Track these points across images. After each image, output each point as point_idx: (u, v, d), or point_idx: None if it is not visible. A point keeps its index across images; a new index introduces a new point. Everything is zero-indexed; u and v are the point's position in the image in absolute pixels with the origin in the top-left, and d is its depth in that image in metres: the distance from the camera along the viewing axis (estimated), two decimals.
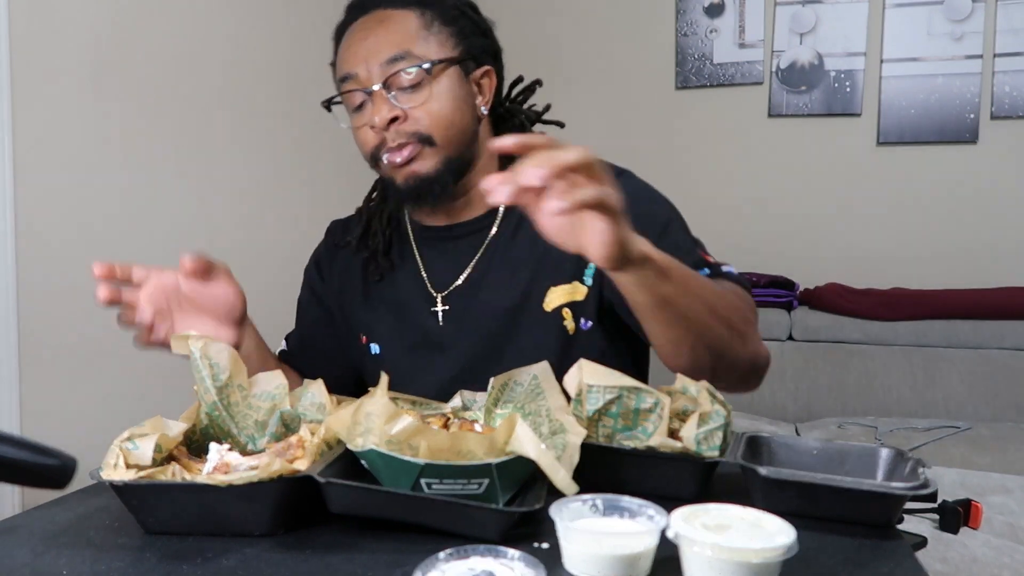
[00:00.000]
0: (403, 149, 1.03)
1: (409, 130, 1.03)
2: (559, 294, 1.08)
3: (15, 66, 1.65)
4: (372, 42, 1.04)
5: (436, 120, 1.03)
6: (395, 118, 1.02)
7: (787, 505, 0.74)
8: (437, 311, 1.12)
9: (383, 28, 1.04)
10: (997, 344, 2.72)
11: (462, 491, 0.72)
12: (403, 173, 1.04)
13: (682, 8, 3.20)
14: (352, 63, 1.04)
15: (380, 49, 1.03)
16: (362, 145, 1.07)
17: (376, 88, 1.02)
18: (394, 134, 1.03)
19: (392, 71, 1.02)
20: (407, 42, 1.03)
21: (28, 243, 1.69)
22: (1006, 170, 2.92)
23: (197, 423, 0.86)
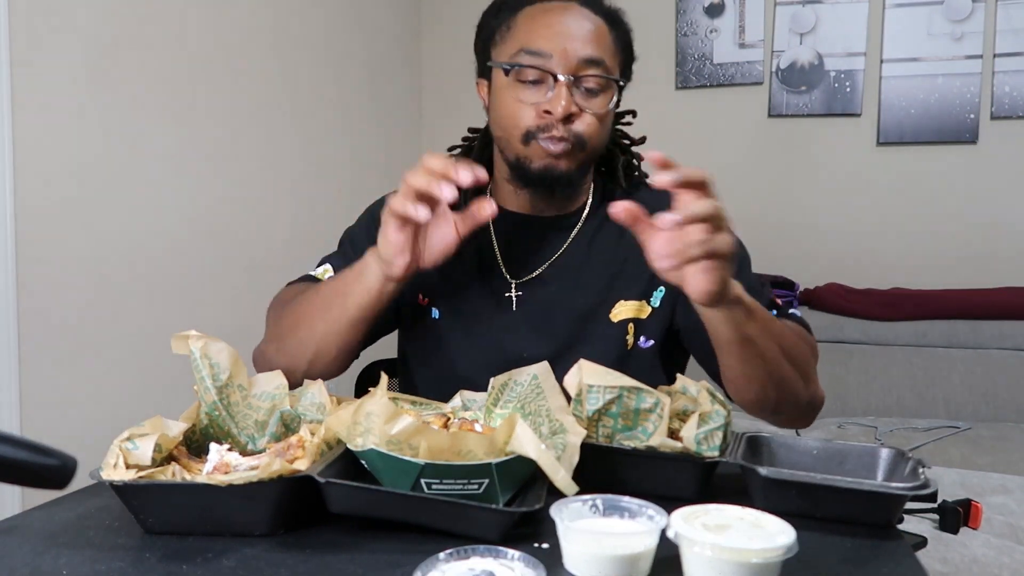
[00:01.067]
0: (561, 143, 1.06)
1: (575, 129, 1.06)
2: (627, 309, 1.12)
3: (15, 65, 1.65)
4: (577, 34, 1.06)
5: (597, 131, 1.08)
6: (572, 113, 1.05)
7: (787, 505, 0.74)
8: (511, 296, 1.14)
9: (586, 26, 1.07)
10: (997, 344, 2.72)
11: (462, 491, 0.72)
12: (547, 162, 1.07)
13: (682, 8, 3.20)
14: (548, 42, 1.05)
15: (584, 45, 1.05)
16: (517, 118, 1.07)
17: (564, 79, 1.04)
18: (560, 126, 1.05)
19: (586, 71, 1.05)
20: (604, 51, 1.07)
21: (28, 243, 1.69)
22: (1006, 170, 2.92)
23: (197, 423, 0.86)
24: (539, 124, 1.06)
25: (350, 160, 2.80)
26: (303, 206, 2.58)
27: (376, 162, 2.97)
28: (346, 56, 2.82)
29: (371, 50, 2.98)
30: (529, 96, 1.06)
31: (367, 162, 2.89)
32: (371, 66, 2.99)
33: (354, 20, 2.87)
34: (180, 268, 2.09)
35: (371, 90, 2.99)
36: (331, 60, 2.74)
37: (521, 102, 1.06)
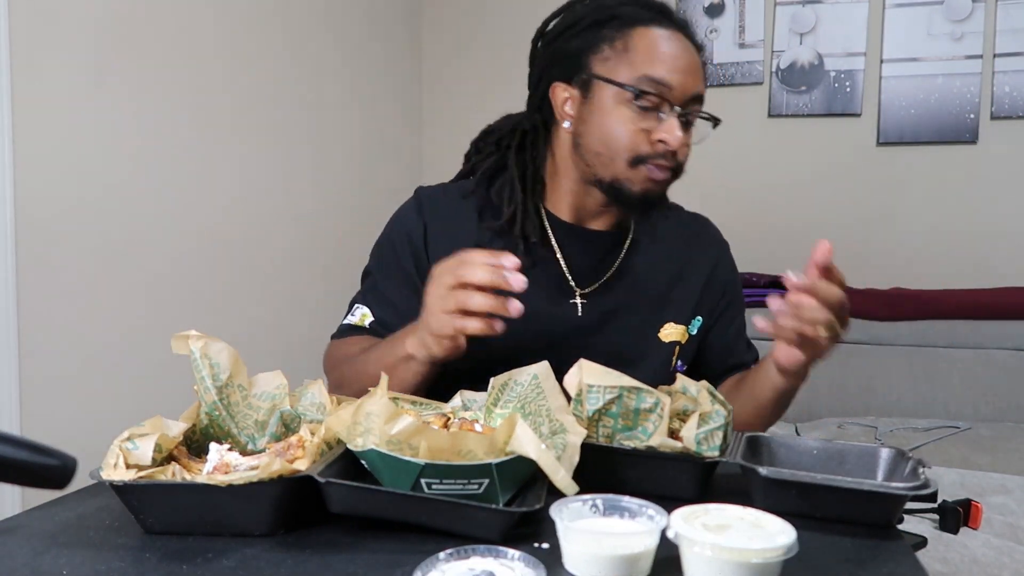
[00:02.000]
0: (666, 171, 1.09)
1: (680, 158, 1.10)
2: (674, 332, 1.17)
3: (15, 63, 1.65)
4: (690, 67, 1.10)
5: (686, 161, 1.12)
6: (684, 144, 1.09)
7: (787, 505, 0.74)
8: (577, 304, 1.15)
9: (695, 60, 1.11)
10: (997, 344, 2.72)
11: (462, 491, 0.72)
12: (648, 186, 1.09)
13: (682, 8, 3.20)
14: (670, 74, 1.07)
15: (695, 81, 1.10)
16: (630, 141, 1.08)
17: (678, 110, 1.07)
18: (669, 154, 1.08)
19: (695, 106, 1.11)
20: (703, 86, 1.12)
21: (28, 243, 1.69)
22: (1006, 170, 2.92)
23: (197, 423, 0.86)
24: (646, 152, 1.07)
25: (351, 160, 2.80)
26: (304, 206, 2.58)
27: (376, 162, 2.97)
28: (346, 55, 2.82)
29: (371, 50, 2.98)
30: (642, 122, 1.07)
31: (367, 162, 2.89)
32: (371, 66, 2.99)
33: (354, 20, 2.86)
34: (180, 268, 2.09)
35: (371, 89, 2.99)
36: (331, 59, 2.74)
37: (636, 126, 1.07)
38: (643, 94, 1.06)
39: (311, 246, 2.60)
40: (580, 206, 1.16)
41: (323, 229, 2.64)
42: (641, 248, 1.20)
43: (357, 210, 2.72)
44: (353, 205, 2.74)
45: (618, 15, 1.11)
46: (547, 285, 1.14)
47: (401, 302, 1.14)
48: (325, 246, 2.65)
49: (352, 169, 2.81)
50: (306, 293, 2.55)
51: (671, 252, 1.21)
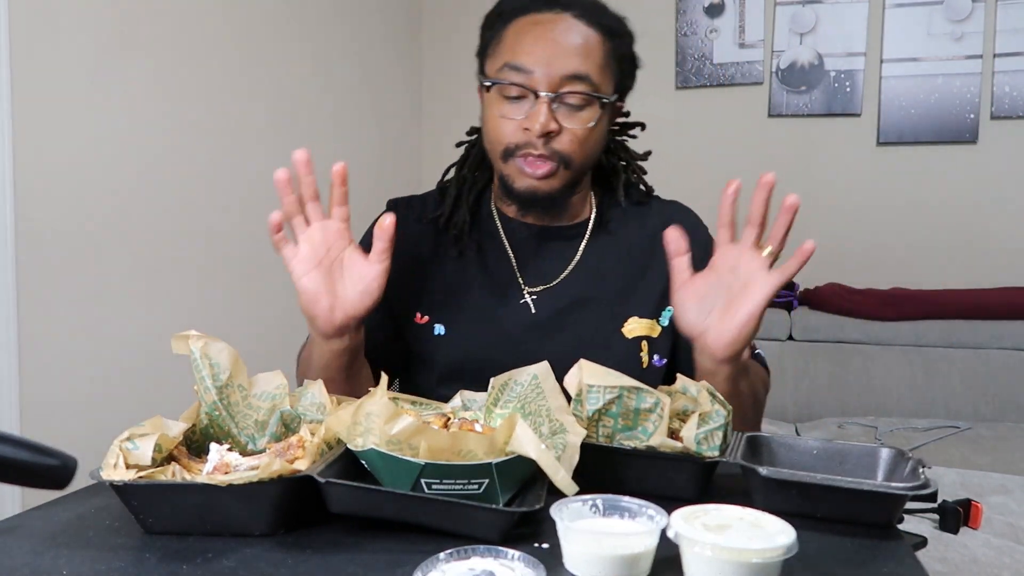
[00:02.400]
0: (543, 163, 1.05)
1: (557, 147, 1.04)
2: (640, 326, 1.13)
3: (15, 63, 1.65)
4: (560, 49, 1.04)
5: (583, 148, 1.06)
6: (551, 131, 1.03)
7: (787, 505, 0.74)
8: (528, 303, 1.14)
9: (572, 39, 1.04)
10: (997, 344, 2.72)
11: (462, 491, 0.72)
12: (530, 182, 1.07)
13: (682, 8, 3.20)
14: (530, 59, 1.04)
15: (567, 61, 1.03)
16: (499, 134, 1.06)
17: (545, 95, 1.02)
18: (541, 144, 1.04)
19: (568, 88, 1.03)
20: (590, 66, 1.04)
21: (28, 243, 1.69)
22: (1006, 170, 2.92)
23: (197, 423, 0.86)
24: (519, 141, 1.04)
25: (351, 160, 2.80)
26: None
27: (376, 161, 2.97)
28: (347, 55, 2.82)
29: (371, 49, 2.98)
30: (511, 112, 1.05)
31: (367, 161, 2.89)
32: (371, 65, 2.99)
33: (355, 19, 2.87)
34: (181, 268, 2.09)
35: (371, 89, 2.99)
36: (332, 59, 2.74)
37: (503, 117, 1.05)
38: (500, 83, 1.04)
39: None
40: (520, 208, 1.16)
41: None
42: (602, 241, 1.17)
43: (357, 210, 2.72)
44: (353, 205, 2.74)
45: (502, 11, 1.10)
46: (499, 285, 1.15)
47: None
48: None
49: (352, 169, 2.80)
50: None
51: (636, 244, 1.16)
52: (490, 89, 1.06)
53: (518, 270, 1.16)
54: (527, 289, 1.14)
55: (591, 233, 1.17)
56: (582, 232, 1.17)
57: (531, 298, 1.14)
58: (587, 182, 1.17)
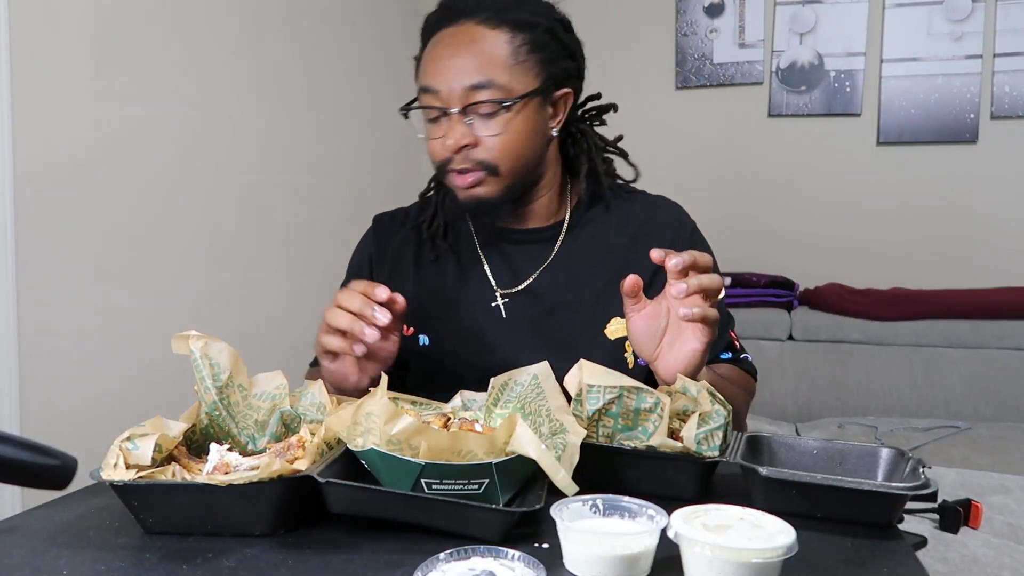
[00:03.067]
0: (468, 175, 1.05)
1: (477, 157, 1.05)
2: (622, 327, 1.11)
3: (15, 63, 1.65)
4: (459, 62, 1.04)
5: (506, 152, 1.05)
6: (466, 144, 1.04)
7: (787, 505, 0.74)
8: (499, 306, 1.13)
9: (471, 50, 1.04)
10: (997, 344, 2.72)
11: (462, 491, 0.72)
12: (464, 194, 1.08)
13: (682, 8, 3.20)
14: (435, 78, 1.05)
15: (465, 73, 1.03)
16: (431, 155, 1.09)
17: (454, 111, 1.03)
18: (462, 158, 1.05)
19: (473, 99, 1.03)
20: (493, 70, 1.03)
21: (28, 242, 1.68)
22: (1006, 170, 2.92)
23: (197, 423, 0.86)
24: (444, 158, 1.06)
25: (351, 159, 2.80)
26: (305, 205, 2.58)
27: (377, 160, 2.97)
28: (347, 54, 2.82)
29: (371, 47, 2.98)
30: (434, 131, 1.07)
31: (368, 161, 2.89)
32: (371, 64, 2.99)
33: (354, 18, 2.87)
34: (181, 268, 2.09)
35: (371, 88, 2.99)
36: (332, 58, 2.74)
37: (430, 138, 1.07)
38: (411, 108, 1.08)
39: (311, 245, 2.60)
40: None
41: (324, 228, 2.64)
42: (580, 242, 1.15)
43: (357, 210, 2.72)
44: (353, 205, 2.74)
45: (422, 34, 1.12)
46: (473, 291, 1.15)
47: None
48: (326, 246, 2.65)
49: (353, 168, 2.81)
50: (307, 293, 2.55)
51: (616, 243, 1.15)
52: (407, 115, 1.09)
53: (491, 274, 1.16)
54: (498, 292, 1.14)
55: (567, 233, 1.16)
56: (557, 233, 1.16)
57: (502, 301, 1.14)
58: (553, 182, 1.15)
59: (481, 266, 1.16)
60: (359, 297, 0.93)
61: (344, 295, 0.94)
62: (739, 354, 1.16)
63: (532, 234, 1.16)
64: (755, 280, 2.93)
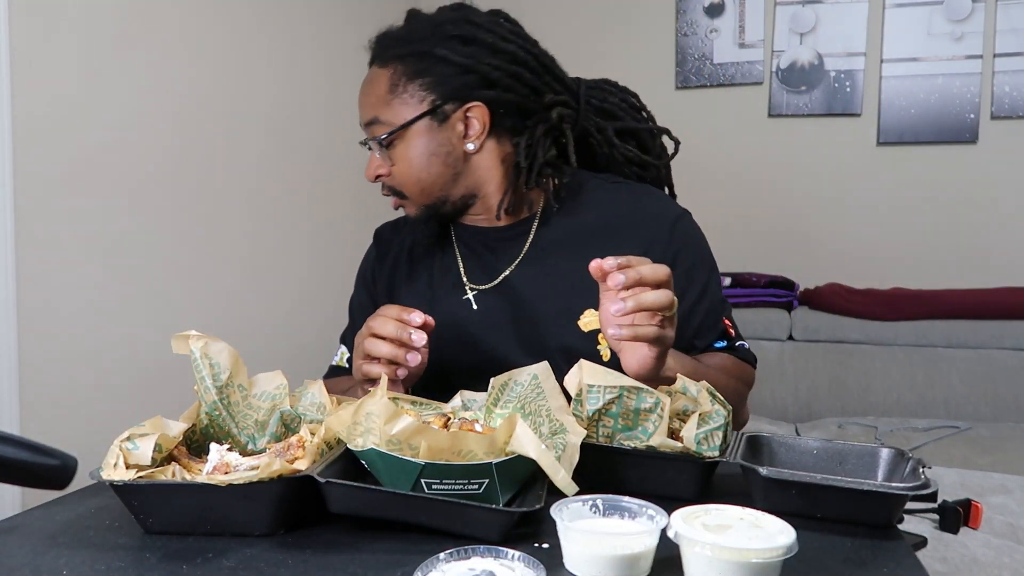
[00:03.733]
0: (391, 198, 1.17)
1: (389, 184, 1.16)
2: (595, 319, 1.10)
3: (15, 64, 1.65)
4: (361, 102, 1.16)
5: (404, 180, 1.14)
6: (380, 174, 1.15)
7: (787, 505, 0.74)
8: (470, 300, 1.17)
9: (365, 89, 1.16)
10: (997, 344, 2.72)
11: (462, 491, 0.73)
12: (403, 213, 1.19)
13: (682, 8, 3.20)
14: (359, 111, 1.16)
15: (362, 111, 1.15)
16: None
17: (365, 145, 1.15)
18: (382, 186, 1.17)
19: (369, 135, 1.14)
20: (377, 107, 1.13)
21: (28, 242, 1.69)
22: (1006, 170, 2.92)
23: (197, 423, 0.86)
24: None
25: (352, 159, 2.80)
26: (304, 205, 2.58)
27: None
28: (347, 54, 2.82)
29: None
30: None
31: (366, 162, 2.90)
32: None
33: (354, 18, 2.87)
34: (181, 268, 2.09)
35: None
36: (332, 58, 2.74)
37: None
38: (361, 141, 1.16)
39: (312, 246, 2.60)
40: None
41: (324, 228, 2.64)
42: (554, 235, 1.17)
43: (358, 210, 2.72)
44: (354, 205, 2.74)
45: None
46: (445, 285, 1.20)
47: None
48: (326, 246, 2.65)
49: (353, 168, 2.81)
50: (307, 293, 2.55)
51: (594, 235, 1.15)
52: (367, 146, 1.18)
53: (464, 270, 1.20)
54: (469, 286, 1.18)
55: (539, 227, 1.18)
56: (527, 227, 1.19)
57: (472, 295, 1.17)
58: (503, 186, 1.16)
59: (455, 261, 1.21)
60: (393, 323, 0.96)
61: (378, 322, 0.97)
62: (734, 342, 1.17)
63: (504, 230, 1.19)
64: (755, 280, 2.93)
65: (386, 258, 1.29)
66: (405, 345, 0.96)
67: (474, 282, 1.18)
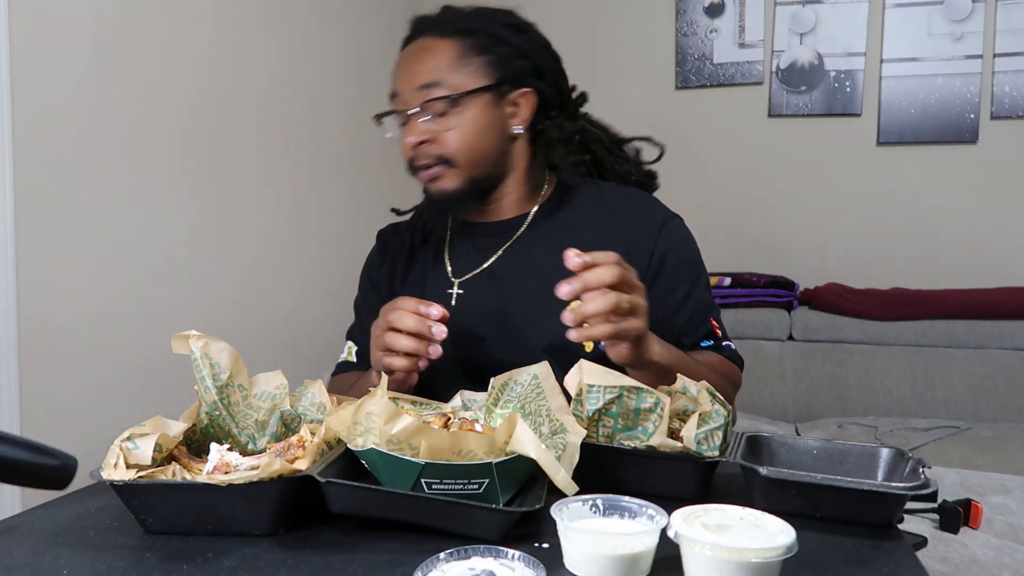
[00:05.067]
0: (428, 169, 1.14)
1: (434, 152, 1.13)
2: None
3: (15, 65, 1.65)
4: (412, 67, 1.14)
5: (459, 145, 1.13)
6: (423, 141, 1.13)
7: (787, 505, 0.74)
8: (453, 293, 1.19)
9: (423, 55, 1.15)
10: (997, 344, 2.72)
11: (462, 491, 0.73)
12: (431, 187, 1.16)
13: (682, 8, 3.20)
14: (396, 83, 1.16)
15: (417, 75, 1.13)
16: (403, 155, 1.17)
17: (410, 111, 1.13)
18: (423, 155, 1.14)
19: (424, 97, 1.12)
20: (441, 71, 1.13)
21: (28, 243, 1.68)
22: (1006, 170, 2.92)
23: (197, 423, 0.86)
24: (410, 157, 1.15)
25: (352, 159, 2.80)
26: (303, 207, 2.58)
27: (375, 162, 2.97)
28: (346, 54, 2.82)
29: (371, 48, 2.98)
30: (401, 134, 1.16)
31: (368, 161, 2.89)
32: (371, 64, 2.99)
33: (354, 17, 2.87)
34: (180, 268, 2.09)
35: (371, 88, 2.99)
36: (331, 59, 2.74)
37: (402, 140, 1.16)
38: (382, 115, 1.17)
39: (311, 246, 2.60)
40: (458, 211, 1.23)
41: (324, 228, 2.64)
42: (542, 231, 1.20)
43: (358, 209, 2.72)
44: (354, 204, 2.75)
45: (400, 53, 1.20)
46: (432, 279, 1.22)
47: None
48: (326, 246, 2.65)
49: (354, 168, 2.81)
50: (307, 293, 2.55)
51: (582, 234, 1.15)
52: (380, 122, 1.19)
53: (449, 264, 1.22)
54: (455, 280, 1.20)
55: (531, 223, 1.21)
56: (519, 224, 1.21)
57: (456, 287, 1.19)
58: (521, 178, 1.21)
59: (443, 257, 1.23)
60: (412, 317, 0.97)
61: (396, 316, 0.98)
62: (721, 342, 1.18)
63: (497, 226, 1.22)
64: (755, 280, 2.93)
65: (387, 256, 1.31)
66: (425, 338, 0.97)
67: (457, 274, 1.21)
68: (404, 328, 0.97)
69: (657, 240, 1.17)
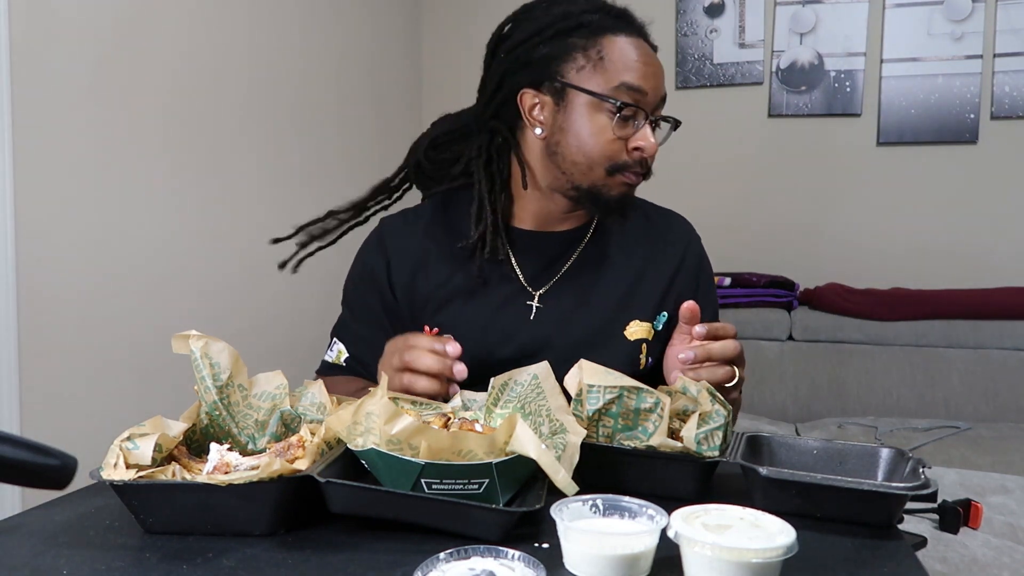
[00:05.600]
0: (638, 177, 1.10)
1: (650, 161, 1.10)
2: (640, 329, 1.16)
3: (15, 65, 1.65)
4: (660, 73, 1.11)
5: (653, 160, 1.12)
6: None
7: (787, 505, 0.74)
8: (533, 306, 1.15)
9: (660, 64, 1.12)
10: (997, 344, 2.72)
11: (462, 491, 0.72)
12: (624, 191, 1.11)
13: (682, 8, 3.20)
14: (645, 80, 1.08)
15: (662, 84, 1.11)
16: (608, 152, 1.08)
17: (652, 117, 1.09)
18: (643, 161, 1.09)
19: (662, 108, 1.11)
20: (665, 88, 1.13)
21: (28, 243, 1.69)
22: (1006, 170, 2.92)
23: (197, 423, 0.86)
24: (627, 160, 1.08)
25: (350, 159, 2.80)
26: (302, 205, 2.57)
27: (375, 160, 2.97)
28: (346, 54, 2.82)
29: (371, 47, 2.98)
30: (619, 131, 1.07)
31: (367, 161, 2.89)
32: (371, 63, 2.99)
33: (354, 18, 2.87)
34: (180, 268, 2.09)
35: (371, 88, 2.99)
36: (331, 58, 2.74)
37: (613, 135, 1.06)
38: (624, 104, 1.06)
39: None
40: (545, 213, 1.16)
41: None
42: (601, 246, 1.19)
43: None
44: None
45: (585, 23, 1.09)
46: (503, 293, 1.15)
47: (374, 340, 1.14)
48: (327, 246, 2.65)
49: (352, 167, 2.81)
50: (306, 293, 2.55)
51: (635, 249, 1.19)
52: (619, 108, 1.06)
53: (521, 275, 1.16)
54: (534, 292, 1.16)
55: (591, 238, 1.19)
56: (583, 235, 1.19)
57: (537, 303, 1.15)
58: None
59: (512, 267, 1.16)
60: (430, 357, 0.94)
61: (413, 356, 0.94)
62: None
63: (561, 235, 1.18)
64: (755, 280, 2.93)
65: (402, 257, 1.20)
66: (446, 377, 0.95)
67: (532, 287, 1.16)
68: (423, 369, 0.94)
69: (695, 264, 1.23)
